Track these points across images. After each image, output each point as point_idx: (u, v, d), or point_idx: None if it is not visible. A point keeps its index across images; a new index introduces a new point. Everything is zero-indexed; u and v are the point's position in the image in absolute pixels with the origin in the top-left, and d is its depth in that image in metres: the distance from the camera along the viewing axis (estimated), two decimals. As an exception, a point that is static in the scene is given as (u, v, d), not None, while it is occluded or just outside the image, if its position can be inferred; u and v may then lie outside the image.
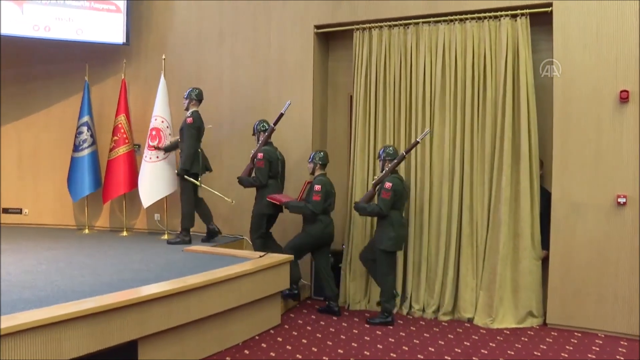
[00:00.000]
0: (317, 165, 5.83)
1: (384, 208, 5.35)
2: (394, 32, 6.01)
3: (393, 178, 5.42)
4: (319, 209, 5.66)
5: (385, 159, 5.52)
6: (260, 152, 5.97)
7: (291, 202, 5.83)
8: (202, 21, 7.03)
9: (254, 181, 5.97)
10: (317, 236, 5.76)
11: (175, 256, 5.54)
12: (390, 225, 5.41)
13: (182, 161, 6.15)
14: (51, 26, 6.93)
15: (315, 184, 5.70)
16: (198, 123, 6.20)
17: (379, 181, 5.50)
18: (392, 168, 5.46)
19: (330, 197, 5.78)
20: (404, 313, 5.81)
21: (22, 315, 3.28)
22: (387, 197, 5.33)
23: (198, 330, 4.31)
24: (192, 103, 6.29)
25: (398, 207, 5.46)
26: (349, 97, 6.46)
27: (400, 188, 5.42)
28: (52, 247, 6.05)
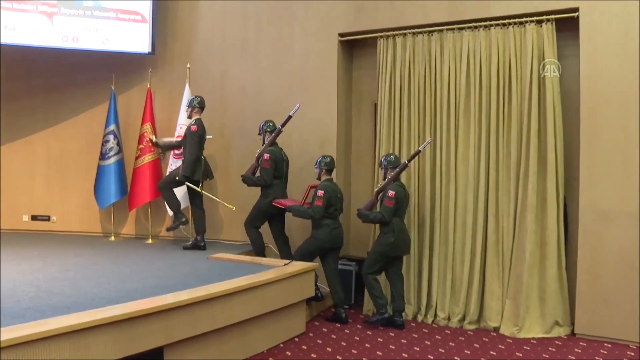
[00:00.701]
0: (322, 171, 5.87)
1: (387, 215, 5.46)
2: (418, 40, 5.99)
3: (395, 186, 5.52)
4: (318, 214, 5.68)
5: (387, 167, 5.63)
6: (266, 152, 6.01)
7: (294, 206, 5.89)
8: (226, 30, 7.08)
9: (258, 181, 6.04)
10: (323, 240, 5.76)
11: (200, 264, 5.57)
12: (392, 232, 5.50)
13: (184, 168, 6.21)
14: (79, 37, 7.05)
15: (320, 189, 5.75)
16: (201, 131, 6.28)
17: (382, 189, 5.61)
18: (395, 176, 5.57)
19: (336, 202, 5.79)
20: (429, 321, 5.77)
21: (52, 321, 3.35)
22: (390, 204, 5.43)
23: (223, 337, 4.33)
24: (194, 111, 6.39)
25: (400, 215, 5.57)
26: (374, 104, 6.46)
27: (402, 196, 5.53)
28: (79, 254, 6.12)
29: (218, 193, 6.68)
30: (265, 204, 6.02)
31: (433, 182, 5.90)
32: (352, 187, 6.74)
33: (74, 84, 7.81)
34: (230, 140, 6.89)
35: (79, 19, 7.04)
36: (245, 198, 6.50)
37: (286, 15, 6.71)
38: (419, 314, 5.89)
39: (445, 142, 5.83)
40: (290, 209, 5.88)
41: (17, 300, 4.01)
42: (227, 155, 6.91)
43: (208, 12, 7.21)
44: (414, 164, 5.93)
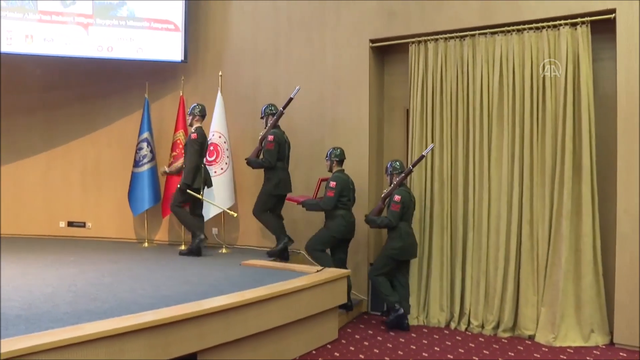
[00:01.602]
0: (333, 162, 6.01)
1: (394, 220, 5.56)
2: (450, 45, 5.95)
3: (401, 191, 5.62)
4: (330, 205, 5.81)
5: (392, 173, 5.75)
6: (270, 134, 6.09)
7: (307, 200, 6.06)
8: (258, 38, 7.14)
9: (263, 162, 6.09)
10: (336, 231, 5.86)
11: (233, 270, 5.60)
12: (399, 236, 5.60)
13: (184, 176, 6.27)
14: (114, 46, 7.18)
15: (331, 180, 5.88)
16: (201, 139, 6.34)
17: (388, 195, 5.71)
18: (400, 182, 5.67)
19: (348, 193, 5.92)
20: (462, 329, 5.71)
21: (88, 326, 3.38)
22: (397, 209, 5.55)
23: (256, 344, 4.33)
24: (195, 119, 6.47)
25: (406, 219, 5.65)
26: (405, 111, 6.43)
27: (408, 200, 5.63)
28: (114, 260, 6.21)
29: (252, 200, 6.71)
30: (271, 187, 6.10)
31: (466, 188, 5.84)
32: (385, 194, 6.71)
33: (108, 92, 7.95)
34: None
35: (113, 29, 7.18)
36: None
37: (317, 22, 6.73)
38: (452, 321, 5.83)
39: (478, 148, 5.78)
40: (304, 203, 6.05)
41: (55, 304, 4.08)
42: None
43: (239, 20, 7.27)
44: (447, 170, 5.89)
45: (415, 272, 5.97)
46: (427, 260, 5.97)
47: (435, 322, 5.85)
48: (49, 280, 4.98)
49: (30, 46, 6.99)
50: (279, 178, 6.11)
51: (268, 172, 6.13)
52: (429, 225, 5.98)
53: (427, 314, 5.93)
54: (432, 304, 5.90)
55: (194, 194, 6.27)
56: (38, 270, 5.54)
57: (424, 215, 6.01)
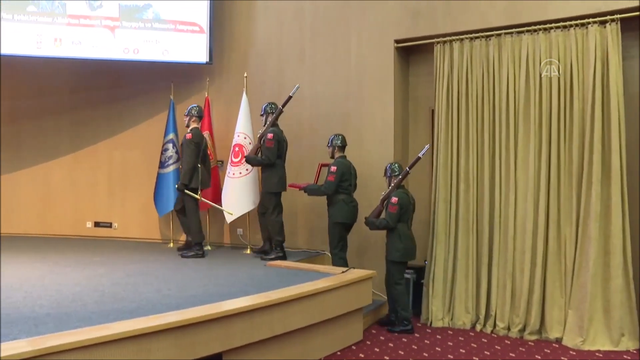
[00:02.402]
0: (335, 148, 6.11)
1: (391, 221, 5.58)
2: (476, 44, 5.90)
3: (399, 193, 5.65)
4: (331, 190, 5.93)
5: (391, 175, 5.78)
6: (270, 132, 6.16)
7: (309, 186, 6.18)
8: (283, 39, 7.15)
9: (262, 160, 6.16)
10: (339, 216, 5.98)
11: (258, 271, 5.62)
12: (398, 237, 5.61)
13: (181, 176, 6.36)
14: (140, 48, 7.25)
15: (332, 165, 6.00)
16: (197, 139, 6.41)
17: (386, 197, 5.73)
18: (398, 184, 5.71)
19: (349, 178, 6.02)
20: (488, 331, 5.65)
21: (115, 325, 3.42)
22: (394, 210, 5.57)
23: (281, 344, 4.34)
24: (192, 120, 6.54)
25: (405, 220, 5.66)
26: (431, 111, 6.39)
27: (406, 202, 5.64)
28: (140, 260, 6.28)
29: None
30: (272, 185, 6.17)
31: (492, 189, 5.78)
32: (409, 195, 6.67)
33: (134, 94, 8.02)
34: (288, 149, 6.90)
35: (139, 31, 7.25)
36: (304, 205, 6.52)
37: (342, 23, 6.72)
38: (477, 323, 5.77)
39: (504, 148, 5.71)
40: (306, 189, 6.17)
41: (83, 304, 4.13)
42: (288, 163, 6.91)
43: (264, 21, 7.29)
44: (473, 171, 5.84)
45: (440, 273, 5.93)
46: (453, 261, 5.92)
47: (460, 324, 5.80)
48: (77, 280, 5.06)
49: (59, 49, 7.09)
50: (278, 176, 6.20)
51: (267, 170, 6.21)
52: (454, 227, 5.93)
53: (452, 316, 5.88)
54: (457, 305, 5.85)
55: (191, 194, 6.35)
56: (66, 269, 5.62)
57: (449, 217, 5.96)
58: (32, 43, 7.04)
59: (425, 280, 6.06)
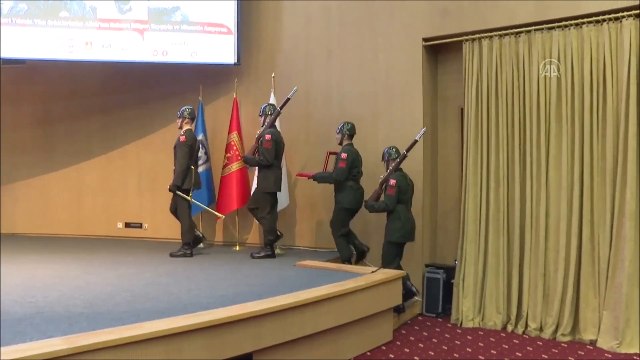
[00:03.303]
0: (345, 136, 6.24)
1: (390, 204, 5.73)
2: (505, 42, 5.82)
3: (397, 175, 5.81)
4: (342, 176, 6.04)
5: (388, 159, 5.95)
6: (267, 133, 6.26)
7: (318, 173, 6.32)
8: (310, 39, 7.16)
9: (260, 160, 6.27)
10: (347, 202, 6.09)
11: (288, 271, 5.62)
12: (398, 218, 5.75)
13: (174, 177, 6.43)
14: (168, 50, 7.32)
15: (343, 152, 6.10)
16: (190, 141, 6.49)
17: (385, 180, 5.87)
18: (396, 167, 5.86)
19: (358, 165, 6.16)
20: (520, 332, 5.56)
21: (147, 325, 3.45)
22: (392, 192, 5.72)
23: (311, 344, 4.33)
24: (185, 122, 6.61)
25: (404, 202, 5.81)
26: (460, 109, 6.33)
27: (404, 183, 5.80)
28: (170, 260, 6.33)
29: (306, 201, 6.72)
30: (269, 185, 6.26)
31: (523, 188, 5.70)
32: (439, 194, 6.64)
33: (163, 96, 8.10)
34: (315, 148, 6.91)
35: (168, 33, 7.31)
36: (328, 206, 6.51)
37: (369, 21, 6.70)
38: (508, 323, 5.69)
39: (536, 146, 5.63)
40: (315, 177, 6.30)
41: (115, 303, 4.18)
42: (314, 163, 6.93)
43: (291, 21, 7.31)
44: (503, 170, 5.77)
45: (471, 273, 5.87)
46: (483, 261, 5.85)
47: (491, 325, 5.73)
48: (109, 280, 5.12)
49: (89, 53, 7.20)
50: (275, 176, 6.31)
51: (263, 170, 6.31)
52: (484, 226, 5.86)
53: (483, 316, 5.82)
54: (488, 305, 5.78)
55: (183, 195, 6.44)
56: (98, 269, 5.70)
57: (479, 216, 5.89)
58: (65, 47, 7.16)
59: (455, 280, 6.00)
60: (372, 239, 6.35)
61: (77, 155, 8.51)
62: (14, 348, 2.97)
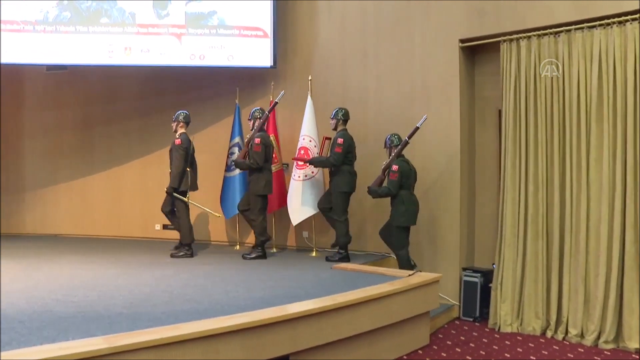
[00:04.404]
0: (339, 121, 6.44)
1: (393, 188, 5.89)
2: (544, 42, 5.72)
3: (399, 161, 5.96)
4: (339, 161, 6.23)
5: (390, 146, 6.12)
6: (257, 137, 6.44)
7: (314, 158, 6.56)
8: (345, 41, 7.15)
9: (250, 164, 6.43)
10: (344, 185, 6.29)
11: (324, 273, 5.63)
12: (402, 203, 5.91)
13: (171, 180, 6.54)
14: (205, 54, 7.40)
15: (339, 137, 6.28)
16: (186, 144, 6.64)
17: (387, 166, 6.03)
18: (398, 153, 6.02)
19: (353, 150, 6.35)
20: (560, 338, 5.44)
21: (185, 326, 3.49)
22: (395, 178, 5.88)
23: (347, 347, 4.32)
24: (180, 125, 6.78)
25: (407, 187, 5.96)
26: (498, 111, 6.24)
27: (407, 169, 5.95)
28: (207, 262, 6.40)
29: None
30: (260, 188, 6.45)
31: (562, 191, 5.59)
32: (477, 197, 6.55)
33: (200, 99, 8.18)
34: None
35: (205, 37, 7.40)
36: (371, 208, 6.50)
37: (405, 24, 6.66)
38: (548, 329, 5.57)
39: (576, 148, 5.50)
40: (311, 161, 6.52)
41: (153, 304, 4.24)
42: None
43: (327, 24, 7.31)
44: (542, 172, 5.66)
45: (509, 277, 5.77)
46: (522, 265, 5.74)
47: (530, 330, 5.62)
48: (147, 281, 5.20)
49: (129, 58, 7.34)
50: (265, 179, 6.48)
51: (254, 173, 6.47)
52: (523, 229, 5.76)
53: (521, 321, 5.71)
54: (526, 310, 5.67)
55: (180, 197, 6.56)
56: (137, 270, 5.80)
57: (518, 220, 5.79)
58: (105, 52, 7.31)
59: (493, 284, 5.91)
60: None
61: (116, 158, 8.67)
62: (57, 346, 3.04)
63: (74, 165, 8.84)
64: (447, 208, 6.19)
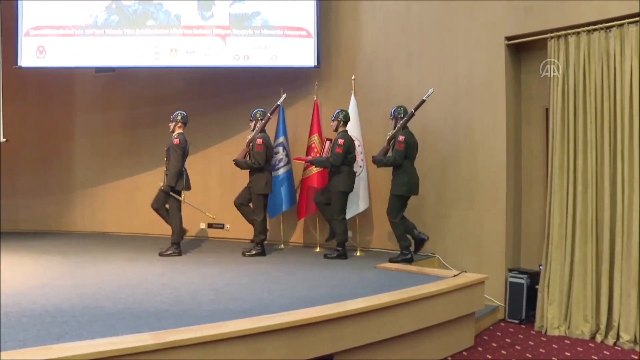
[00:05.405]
0: (340, 123, 6.59)
1: (398, 158, 6.02)
2: (594, 38, 5.57)
3: (405, 132, 6.09)
4: (338, 161, 6.37)
5: (397, 117, 6.25)
6: (259, 138, 6.65)
7: (315, 158, 6.79)
8: (389, 41, 7.11)
9: (252, 164, 6.64)
10: (344, 185, 6.42)
11: (368, 273, 5.61)
12: (404, 173, 6.05)
13: (168, 179, 6.64)
14: (249, 55, 7.47)
15: (339, 138, 6.44)
16: (183, 144, 6.77)
17: (393, 136, 6.17)
18: (404, 124, 6.15)
19: (352, 151, 6.50)
20: (610, 343, 5.27)
21: (230, 324, 3.52)
22: (401, 148, 6.00)
23: (391, 347, 4.30)
24: (177, 125, 6.87)
25: (410, 158, 6.10)
26: (545, 110, 6.11)
27: (412, 141, 6.10)
28: (252, 260, 6.46)
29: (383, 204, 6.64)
30: (261, 187, 6.64)
31: (613, 190, 5.43)
32: (523, 197, 6.43)
33: (244, 99, 8.25)
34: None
35: (249, 38, 7.47)
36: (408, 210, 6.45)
37: (449, 22, 6.60)
38: (598, 333, 5.41)
39: (628, 146, 5.34)
40: (312, 161, 6.79)
41: (198, 302, 4.30)
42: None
43: (371, 23, 7.29)
44: (592, 172, 5.51)
45: (556, 279, 5.64)
46: (570, 267, 5.59)
47: (578, 334, 5.47)
48: (192, 279, 5.27)
49: (174, 59, 7.47)
50: (266, 179, 6.68)
51: (255, 173, 6.67)
52: (571, 230, 5.61)
53: (569, 324, 5.56)
54: (575, 313, 5.52)
55: (176, 196, 6.66)
56: (183, 268, 5.89)
57: (566, 220, 5.65)
58: (151, 54, 7.47)
59: (540, 285, 5.79)
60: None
61: (162, 158, 8.75)
62: (106, 340, 3.12)
63: (121, 165, 9.04)
64: (492, 208, 6.09)
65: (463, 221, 6.02)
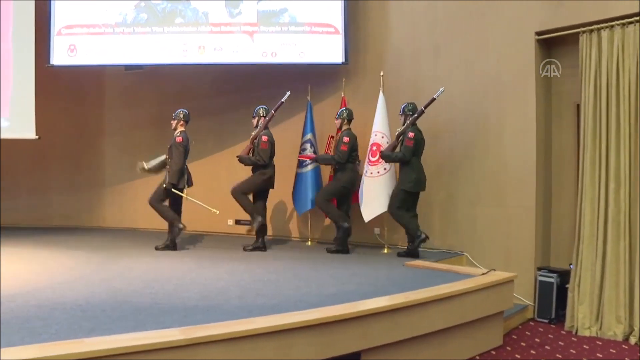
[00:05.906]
0: (344, 121, 6.77)
1: (407, 154, 6.16)
2: (628, 31, 5.44)
3: (414, 129, 6.25)
4: (343, 159, 6.55)
5: (406, 113, 6.38)
6: (263, 135, 6.76)
7: (320, 155, 7.02)
8: (417, 37, 7.06)
9: (256, 160, 6.74)
10: (347, 182, 6.63)
11: (396, 271, 5.59)
12: (412, 169, 6.18)
13: (170, 176, 6.74)
14: (277, 52, 7.49)
15: (344, 136, 6.61)
16: (185, 142, 6.86)
17: (402, 133, 6.30)
18: (413, 121, 6.29)
19: (356, 149, 6.66)
20: (632, 342, 5.16)
21: (258, 320, 3.53)
22: (410, 144, 6.15)
23: (419, 345, 4.26)
24: (180, 123, 6.97)
25: (418, 155, 6.24)
26: (576, 106, 6.01)
27: (421, 137, 6.25)
28: (279, 257, 6.47)
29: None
30: (261, 180, 6.77)
31: (646, 188, 5.33)
32: (553, 195, 6.33)
33: (272, 96, 8.20)
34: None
35: (276, 35, 7.49)
36: (440, 206, 6.41)
37: (477, 18, 6.52)
38: (631, 335, 5.28)
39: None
40: (317, 158, 7.00)
41: (226, 298, 4.31)
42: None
43: (398, 19, 7.25)
44: (624, 170, 5.40)
45: (587, 278, 5.55)
46: (602, 266, 5.49)
47: (610, 335, 5.36)
48: (221, 275, 5.30)
49: (202, 56, 7.54)
50: (270, 174, 6.79)
51: (259, 169, 6.75)
52: (602, 229, 5.51)
53: (601, 325, 5.45)
54: (607, 314, 5.41)
55: (178, 193, 6.72)
56: (211, 264, 5.93)
57: (597, 218, 5.54)
58: (179, 52, 7.55)
59: (570, 285, 5.70)
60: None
61: (190, 155, 8.83)
62: (134, 335, 3.15)
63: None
64: (522, 206, 6.02)
65: (492, 219, 5.95)
